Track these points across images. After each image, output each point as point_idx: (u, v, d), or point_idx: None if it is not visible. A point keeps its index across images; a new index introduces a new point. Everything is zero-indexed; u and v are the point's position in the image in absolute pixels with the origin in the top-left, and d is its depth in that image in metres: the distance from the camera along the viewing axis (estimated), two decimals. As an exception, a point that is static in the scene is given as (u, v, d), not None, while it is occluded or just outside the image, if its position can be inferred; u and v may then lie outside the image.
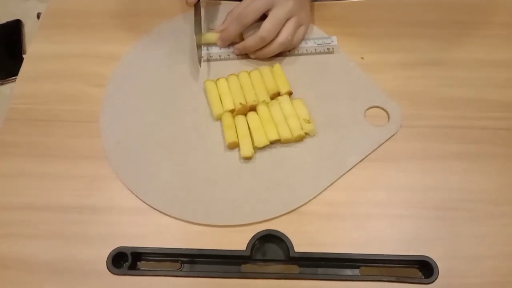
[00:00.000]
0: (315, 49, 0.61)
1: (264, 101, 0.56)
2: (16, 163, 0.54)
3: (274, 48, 0.59)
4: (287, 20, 0.58)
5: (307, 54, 0.61)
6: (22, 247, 0.48)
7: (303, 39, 0.61)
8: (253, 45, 0.58)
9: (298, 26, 0.59)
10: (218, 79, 0.58)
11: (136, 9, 0.66)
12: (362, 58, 0.61)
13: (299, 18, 0.59)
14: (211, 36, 0.60)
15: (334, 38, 0.61)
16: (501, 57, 0.61)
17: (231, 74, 0.58)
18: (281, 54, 0.61)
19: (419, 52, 0.62)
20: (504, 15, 0.65)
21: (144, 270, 0.48)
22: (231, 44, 0.61)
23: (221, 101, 0.56)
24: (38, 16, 1.56)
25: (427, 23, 0.64)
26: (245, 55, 0.61)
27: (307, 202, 0.51)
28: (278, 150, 0.54)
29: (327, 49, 0.61)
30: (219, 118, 0.56)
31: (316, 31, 0.63)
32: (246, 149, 0.53)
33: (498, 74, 0.60)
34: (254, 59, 0.61)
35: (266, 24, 0.57)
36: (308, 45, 0.61)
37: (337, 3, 0.66)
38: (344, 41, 0.62)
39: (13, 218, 0.50)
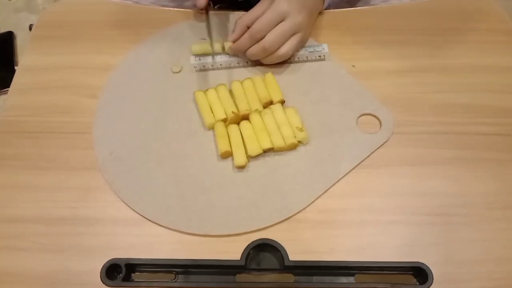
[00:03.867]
0: (307, 57, 0.61)
1: (256, 109, 0.56)
2: (8, 175, 0.53)
3: (272, 59, 0.59)
4: (293, 34, 0.58)
5: (298, 61, 0.61)
6: (15, 260, 0.48)
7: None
8: (255, 54, 0.59)
9: (301, 42, 0.60)
10: (207, 89, 0.58)
11: (128, 20, 0.66)
12: (353, 66, 0.61)
13: (304, 34, 0.59)
14: (208, 46, 0.61)
15: (325, 45, 0.62)
16: (492, 62, 0.62)
17: (220, 84, 0.58)
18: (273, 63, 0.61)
19: (410, 59, 0.62)
20: (494, 21, 0.66)
21: (138, 281, 0.47)
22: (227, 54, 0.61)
23: (212, 111, 0.56)
24: (30, 27, 1.56)
25: (418, 31, 0.65)
26: (238, 64, 0.61)
27: (301, 210, 0.51)
28: (271, 159, 0.54)
29: (318, 56, 0.61)
30: (211, 128, 0.56)
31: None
32: (239, 158, 0.53)
33: (490, 80, 0.60)
34: (249, 60, 0.61)
35: (271, 36, 0.57)
36: (300, 53, 0.61)
37: (328, 12, 0.67)
38: (335, 49, 0.62)
39: (5, 230, 0.50)
